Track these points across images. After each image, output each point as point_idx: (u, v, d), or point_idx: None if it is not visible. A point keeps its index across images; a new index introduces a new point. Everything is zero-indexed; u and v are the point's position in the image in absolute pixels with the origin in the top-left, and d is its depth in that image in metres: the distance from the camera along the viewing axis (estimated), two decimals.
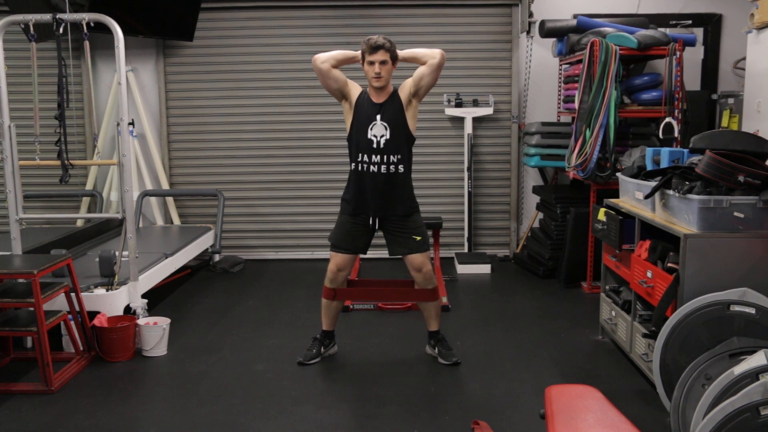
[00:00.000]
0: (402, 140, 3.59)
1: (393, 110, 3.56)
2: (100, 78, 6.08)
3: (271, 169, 6.30)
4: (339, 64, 3.56)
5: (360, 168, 3.60)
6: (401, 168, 3.60)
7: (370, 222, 3.65)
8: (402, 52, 3.57)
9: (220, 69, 6.17)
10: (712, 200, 2.94)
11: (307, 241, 6.37)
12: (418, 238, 3.66)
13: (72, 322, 3.74)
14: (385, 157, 3.56)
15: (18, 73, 5.51)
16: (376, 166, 3.57)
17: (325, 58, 3.53)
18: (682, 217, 3.07)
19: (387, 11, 6.08)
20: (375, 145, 3.55)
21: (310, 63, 3.57)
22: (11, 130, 4.03)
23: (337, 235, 3.73)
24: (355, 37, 6.06)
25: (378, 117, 3.55)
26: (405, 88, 3.58)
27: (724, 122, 5.23)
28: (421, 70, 3.52)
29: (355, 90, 3.63)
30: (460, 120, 6.11)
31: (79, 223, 5.84)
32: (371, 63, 3.48)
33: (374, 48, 3.45)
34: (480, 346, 4.00)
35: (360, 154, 3.60)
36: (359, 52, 3.55)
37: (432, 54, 3.50)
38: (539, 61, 6.13)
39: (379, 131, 3.55)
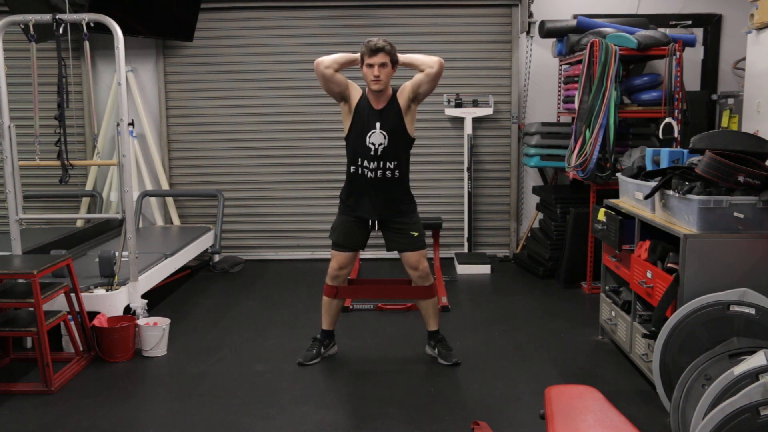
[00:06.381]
0: (400, 146, 3.62)
1: (392, 118, 3.56)
2: (100, 78, 6.08)
3: (270, 169, 6.30)
4: (341, 67, 3.54)
5: (357, 171, 3.62)
6: (398, 173, 3.61)
7: (370, 224, 3.69)
8: (401, 57, 3.55)
9: (219, 69, 6.17)
10: (712, 200, 2.95)
11: (306, 241, 6.37)
12: (416, 233, 3.69)
13: (72, 323, 3.74)
14: (382, 163, 3.58)
15: (18, 73, 5.50)
16: (373, 172, 3.59)
17: (328, 63, 3.50)
18: (681, 217, 3.07)
19: (387, 11, 6.08)
20: (372, 153, 3.57)
21: (310, 64, 3.57)
22: (11, 130, 4.03)
23: (338, 235, 3.73)
24: (355, 38, 6.06)
25: (378, 125, 3.55)
26: (404, 93, 3.56)
27: (724, 122, 5.23)
28: (419, 78, 3.51)
29: (355, 93, 3.61)
30: (460, 120, 6.11)
31: (79, 224, 5.84)
32: (370, 66, 3.45)
33: (374, 51, 3.42)
34: (480, 346, 4.01)
35: (357, 159, 3.61)
36: (359, 55, 3.52)
37: (430, 63, 3.48)
38: (539, 62, 6.13)
39: (377, 139, 3.55)
